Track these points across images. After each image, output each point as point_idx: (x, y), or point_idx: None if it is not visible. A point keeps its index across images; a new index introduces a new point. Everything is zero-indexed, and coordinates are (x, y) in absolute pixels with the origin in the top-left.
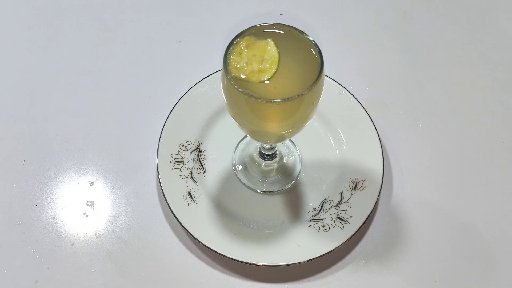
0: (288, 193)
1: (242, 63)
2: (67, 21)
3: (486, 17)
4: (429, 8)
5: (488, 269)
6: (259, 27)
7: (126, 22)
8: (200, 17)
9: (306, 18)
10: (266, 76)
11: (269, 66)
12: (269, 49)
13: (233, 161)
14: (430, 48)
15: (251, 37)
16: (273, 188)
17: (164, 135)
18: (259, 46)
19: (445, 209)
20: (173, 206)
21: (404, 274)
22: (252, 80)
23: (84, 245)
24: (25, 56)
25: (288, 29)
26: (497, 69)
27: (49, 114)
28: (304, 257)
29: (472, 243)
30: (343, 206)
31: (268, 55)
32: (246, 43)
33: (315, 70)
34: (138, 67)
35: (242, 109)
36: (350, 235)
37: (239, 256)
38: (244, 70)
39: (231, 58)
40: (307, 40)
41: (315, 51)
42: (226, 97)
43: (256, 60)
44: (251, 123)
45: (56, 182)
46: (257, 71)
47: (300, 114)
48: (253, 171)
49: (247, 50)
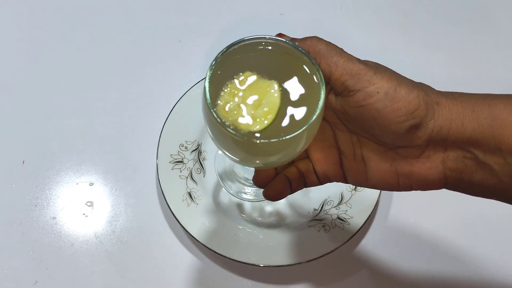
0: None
1: (232, 104)
2: (66, 21)
3: (487, 17)
4: (430, 8)
5: (490, 270)
6: (248, 42)
7: (125, 22)
8: (200, 17)
9: (306, 18)
10: (258, 127)
11: (263, 115)
12: (271, 93)
13: (217, 174)
14: (430, 48)
15: (253, 73)
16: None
17: (164, 135)
18: (260, 87)
19: (447, 209)
20: (173, 206)
21: (405, 275)
22: (239, 127)
23: (83, 245)
24: (24, 56)
25: (288, 47)
26: (498, 69)
27: (49, 114)
28: (304, 257)
29: (474, 243)
30: (344, 206)
31: (267, 101)
32: (245, 80)
33: (314, 95)
34: (137, 67)
35: (228, 146)
36: (351, 235)
37: (239, 257)
38: (232, 114)
39: (221, 96)
40: (308, 62)
41: (317, 79)
42: (208, 127)
43: (251, 103)
44: (236, 157)
45: (55, 183)
46: (249, 117)
47: (292, 150)
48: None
49: (243, 90)
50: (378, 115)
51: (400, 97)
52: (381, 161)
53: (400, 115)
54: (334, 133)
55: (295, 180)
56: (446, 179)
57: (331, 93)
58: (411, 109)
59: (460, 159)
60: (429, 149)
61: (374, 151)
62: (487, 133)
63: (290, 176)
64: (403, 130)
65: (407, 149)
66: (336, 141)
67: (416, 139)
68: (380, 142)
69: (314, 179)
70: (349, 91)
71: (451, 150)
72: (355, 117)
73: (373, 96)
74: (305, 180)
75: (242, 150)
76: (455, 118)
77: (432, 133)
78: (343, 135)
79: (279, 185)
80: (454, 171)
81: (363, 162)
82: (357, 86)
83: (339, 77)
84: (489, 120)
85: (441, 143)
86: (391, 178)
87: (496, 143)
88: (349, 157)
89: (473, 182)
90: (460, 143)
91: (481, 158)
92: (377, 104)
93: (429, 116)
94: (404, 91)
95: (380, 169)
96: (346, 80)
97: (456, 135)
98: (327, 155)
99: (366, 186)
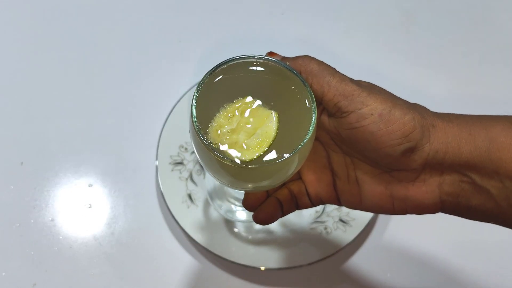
0: None
1: (226, 128)
2: (65, 21)
3: (488, 17)
4: (432, 7)
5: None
6: (237, 61)
7: (125, 22)
8: (200, 17)
9: (307, 18)
10: (246, 156)
11: (256, 145)
12: (269, 124)
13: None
14: (433, 48)
15: (255, 100)
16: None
17: (164, 136)
18: (257, 116)
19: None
20: (173, 208)
21: (406, 278)
22: (227, 154)
23: (82, 247)
24: (23, 57)
25: (279, 68)
26: (499, 69)
27: (47, 115)
28: (306, 260)
29: (476, 244)
30: (346, 208)
31: (263, 131)
32: (244, 105)
33: (306, 118)
34: (137, 67)
35: (215, 170)
36: (352, 238)
37: (239, 259)
38: (223, 138)
39: (216, 118)
40: (299, 83)
41: (308, 102)
42: (195, 148)
43: (245, 131)
44: (224, 181)
45: (54, 184)
46: (240, 145)
47: (284, 174)
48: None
49: (239, 115)
50: (371, 138)
51: (394, 119)
52: (375, 184)
53: (395, 138)
54: (327, 153)
55: (287, 202)
56: (443, 204)
57: (324, 114)
58: (406, 132)
59: (457, 183)
60: (425, 172)
61: (368, 174)
62: (484, 157)
63: (282, 198)
64: (397, 153)
65: (402, 172)
66: (329, 162)
67: (411, 162)
68: (375, 165)
69: (307, 201)
70: (342, 112)
71: (447, 174)
72: (348, 138)
73: (366, 118)
74: (297, 202)
75: (230, 174)
76: (451, 141)
77: (428, 156)
78: (336, 156)
79: (270, 208)
80: (450, 195)
81: (357, 185)
82: (350, 108)
83: (332, 98)
84: (486, 143)
85: (437, 167)
86: (386, 201)
87: (494, 167)
88: (343, 179)
89: (470, 206)
90: (456, 167)
91: (478, 182)
92: (370, 126)
93: (424, 139)
94: (398, 113)
95: (375, 192)
96: (339, 101)
97: (452, 158)
98: (320, 176)
99: (360, 209)
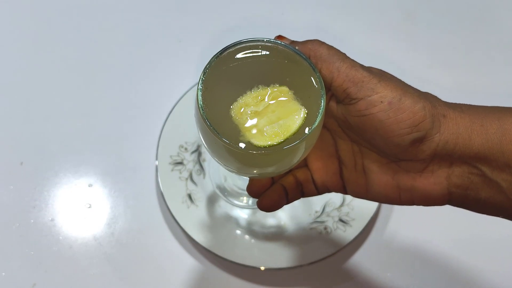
0: None
1: (251, 109)
2: (65, 21)
3: (489, 17)
4: (432, 7)
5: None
6: (245, 44)
7: (125, 22)
8: (200, 17)
9: (307, 17)
10: (258, 142)
11: (272, 134)
12: (294, 118)
13: (213, 183)
14: (433, 48)
15: (289, 91)
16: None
17: (164, 136)
18: (286, 107)
19: (448, 211)
20: (173, 208)
21: (407, 277)
22: (243, 132)
23: (82, 247)
24: (23, 57)
25: (290, 52)
26: (500, 69)
27: (47, 115)
28: (306, 260)
29: (479, 242)
30: (345, 208)
31: (285, 123)
32: (279, 94)
33: (314, 104)
34: (137, 67)
35: (221, 155)
36: (352, 238)
37: (239, 259)
38: (244, 117)
39: (245, 96)
40: (308, 68)
41: (317, 85)
42: (200, 133)
43: (268, 117)
44: (230, 167)
45: (54, 184)
46: (258, 129)
47: (290, 161)
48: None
49: (269, 101)
50: (380, 126)
51: (404, 108)
52: (382, 174)
53: (404, 127)
54: (335, 141)
55: (292, 189)
56: (451, 196)
57: (332, 100)
58: (415, 121)
59: (466, 175)
60: (434, 163)
61: (376, 163)
62: (496, 149)
63: (287, 185)
64: (406, 143)
65: (410, 162)
66: (336, 150)
67: (420, 153)
68: (382, 154)
69: (312, 189)
70: (351, 99)
71: (456, 166)
72: (356, 126)
73: (376, 106)
74: (302, 190)
75: (235, 159)
76: (463, 132)
77: (437, 147)
78: (344, 144)
79: (275, 195)
80: (459, 188)
81: (363, 173)
82: (360, 94)
83: (341, 84)
84: (499, 135)
85: (446, 158)
86: (392, 192)
87: (505, 160)
88: (350, 168)
89: (478, 199)
90: (466, 158)
91: (489, 175)
92: (380, 114)
93: (434, 129)
94: (409, 101)
95: (381, 182)
96: (348, 88)
97: (462, 150)
98: (327, 164)
99: (366, 198)
